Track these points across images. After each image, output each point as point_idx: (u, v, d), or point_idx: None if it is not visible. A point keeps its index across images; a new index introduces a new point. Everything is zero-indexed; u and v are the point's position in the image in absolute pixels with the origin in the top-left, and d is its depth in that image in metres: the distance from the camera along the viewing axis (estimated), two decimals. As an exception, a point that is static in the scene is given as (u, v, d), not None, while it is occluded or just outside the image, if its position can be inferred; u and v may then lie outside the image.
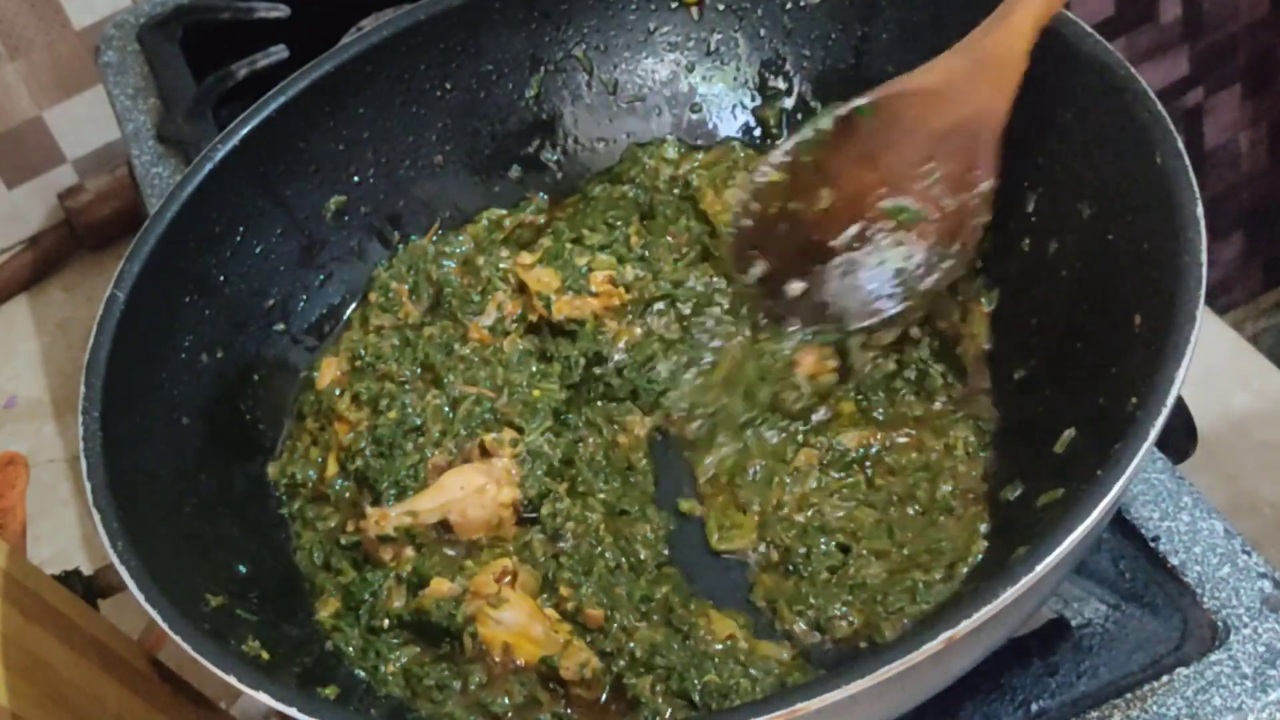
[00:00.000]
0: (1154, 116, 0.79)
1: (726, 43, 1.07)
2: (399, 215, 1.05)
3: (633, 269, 0.98)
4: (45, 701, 0.82)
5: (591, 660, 0.80)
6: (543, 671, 0.80)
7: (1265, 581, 0.82)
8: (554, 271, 0.98)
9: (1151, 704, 0.79)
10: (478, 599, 0.83)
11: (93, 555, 1.24)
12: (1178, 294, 0.72)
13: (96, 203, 1.51)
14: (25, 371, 1.45)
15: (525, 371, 0.95)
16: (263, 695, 0.68)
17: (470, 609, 0.83)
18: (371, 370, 0.96)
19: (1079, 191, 0.86)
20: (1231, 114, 2.06)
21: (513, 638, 0.81)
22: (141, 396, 0.88)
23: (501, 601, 0.82)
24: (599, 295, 0.97)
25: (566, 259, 0.99)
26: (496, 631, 0.81)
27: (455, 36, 1.04)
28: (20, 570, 0.86)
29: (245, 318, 0.98)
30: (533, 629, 0.81)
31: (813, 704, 0.63)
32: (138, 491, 0.82)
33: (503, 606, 0.82)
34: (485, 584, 0.83)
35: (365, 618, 0.86)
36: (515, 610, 0.82)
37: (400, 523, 0.88)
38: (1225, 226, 2.14)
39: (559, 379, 0.94)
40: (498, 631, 0.81)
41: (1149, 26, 1.91)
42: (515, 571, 0.84)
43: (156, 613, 0.73)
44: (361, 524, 0.89)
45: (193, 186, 0.95)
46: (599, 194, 1.05)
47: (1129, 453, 0.67)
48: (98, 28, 1.44)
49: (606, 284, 0.97)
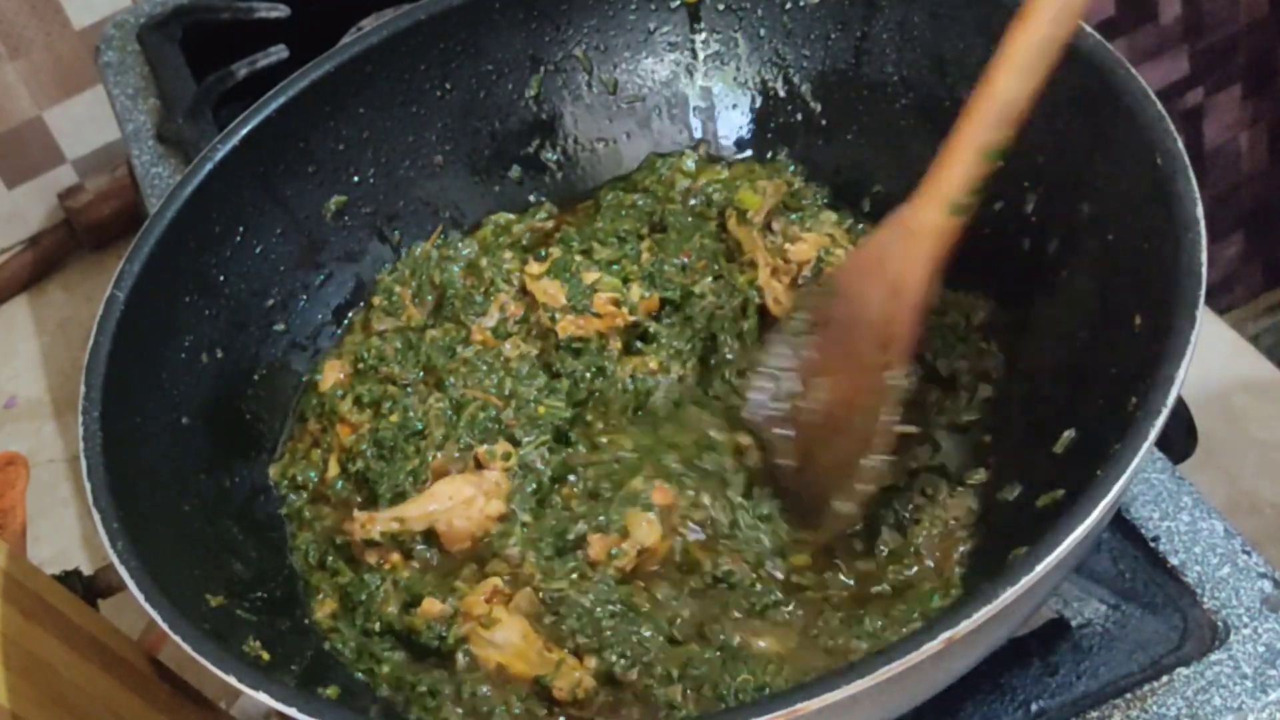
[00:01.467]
0: (1154, 117, 0.79)
1: (726, 43, 1.07)
2: (399, 215, 1.05)
3: (639, 289, 0.97)
4: (45, 701, 0.82)
5: (585, 680, 0.79)
6: (535, 690, 0.80)
7: (1265, 581, 0.82)
8: (560, 285, 0.97)
9: (1151, 704, 0.79)
10: (469, 620, 0.82)
11: (93, 555, 1.24)
12: (1177, 294, 0.72)
13: (96, 203, 1.51)
14: (25, 371, 1.45)
15: (533, 384, 0.94)
16: (262, 695, 0.68)
17: (463, 630, 0.82)
18: (374, 373, 0.96)
19: (1079, 192, 0.86)
20: (1231, 114, 2.06)
21: (505, 658, 0.80)
22: (141, 396, 0.88)
23: (493, 622, 0.81)
24: (602, 316, 0.96)
25: (574, 273, 0.98)
26: (490, 652, 0.80)
27: (455, 36, 1.04)
28: (20, 570, 0.86)
29: (245, 318, 0.98)
30: (526, 650, 0.80)
31: (812, 704, 0.63)
32: (138, 491, 0.82)
33: (494, 627, 0.81)
34: (475, 604, 0.82)
35: (360, 620, 0.86)
36: (507, 631, 0.81)
37: (387, 528, 0.88)
38: (1225, 226, 2.14)
39: (567, 396, 0.93)
40: (491, 652, 0.80)
41: (1149, 26, 1.91)
42: (508, 592, 0.83)
43: (156, 613, 0.73)
44: (346, 525, 0.89)
45: (193, 186, 0.95)
46: (610, 201, 1.05)
47: (1129, 453, 0.67)
48: (98, 28, 1.44)
49: (610, 305, 0.96)
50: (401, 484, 0.90)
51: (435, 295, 1.00)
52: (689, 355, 0.95)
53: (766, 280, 0.96)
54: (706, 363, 0.95)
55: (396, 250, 1.05)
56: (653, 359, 0.95)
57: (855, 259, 0.90)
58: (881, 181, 1.01)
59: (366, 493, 0.91)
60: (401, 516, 0.88)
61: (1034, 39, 0.77)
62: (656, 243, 1.00)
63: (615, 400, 0.94)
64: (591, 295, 0.96)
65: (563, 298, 0.96)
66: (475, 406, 0.92)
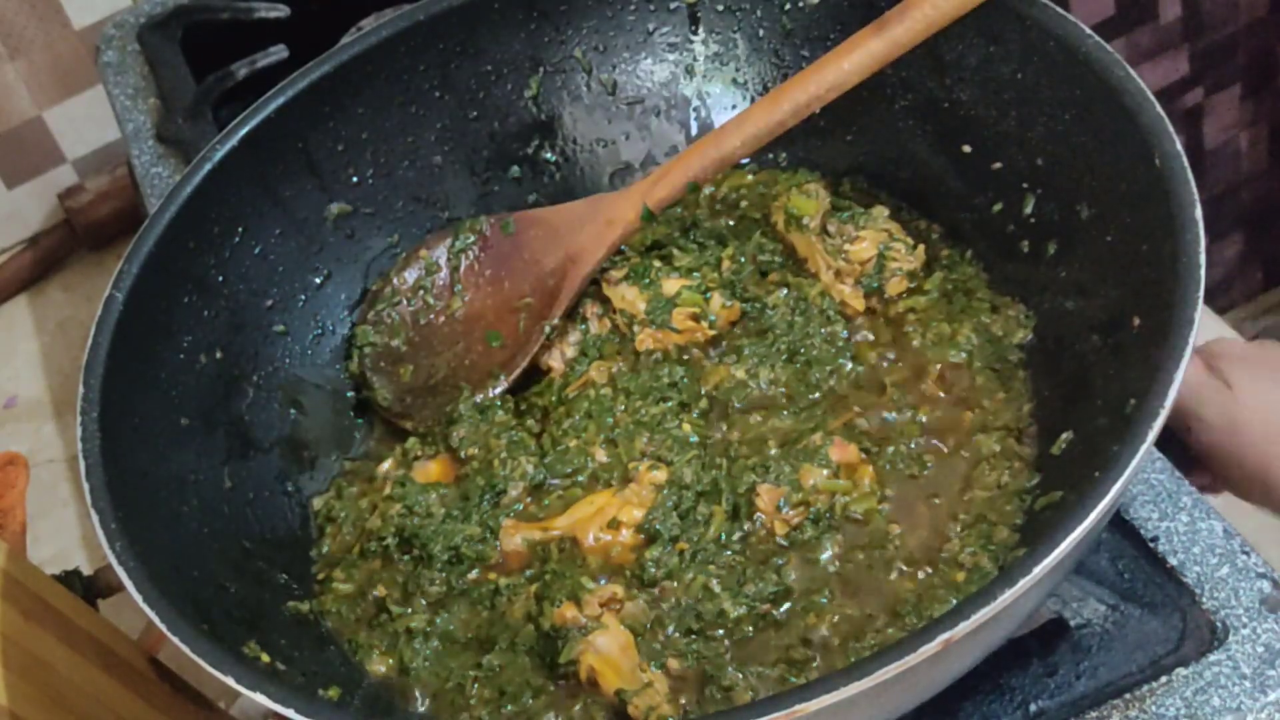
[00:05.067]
0: (1153, 118, 0.79)
1: (725, 44, 1.07)
2: (399, 215, 1.05)
3: (720, 299, 0.95)
4: (45, 701, 0.82)
5: (662, 706, 0.78)
6: (613, 703, 0.79)
7: (1264, 582, 0.82)
8: (639, 292, 0.96)
9: (1150, 704, 0.79)
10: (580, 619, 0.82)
11: (93, 555, 1.24)
12: (1176, 296, 0.72)
13: (96, 203, 1.51)
14: (25, 371, 1.45)
15: (661, 407, 0.92)
16: (260, 696, 0.68)
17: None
18: None
19: (1078, 193, 0.86)
20: (1231, 114, 2.06)
21: (599, 663, 0.79)
22: (140, 397, 0.88)
23: (600, 626, 0.81)
24: (682, 332, 0.95)
25: (653, 279, 0.96)
26: (587, 654, 0.80)
27: (454, 37, 1.04)
28: (20, 570, 0.86)
29: (244, 318, 0.97)
30: (621, 661, 0.80)
31: (811, 705, 0.63)
32: (137, 492, 0.82)
33: (599, 632, 0.80)
34: (590, 606, 0.82)
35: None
36: (609, 638, 0.80)
37: (530, 536, 0.88)
38: (1225, 226, 2.14)
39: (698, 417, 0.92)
40: (588, 655, 0.80)
41: (1149, 26, 1.91)
42: (622, 600, 0.83)
43: (155, 613, 0.73)
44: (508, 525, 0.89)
45: (192, 186, 0.95)
46: None
47: (1127, 455, 0.67)
48: (98, 28, 1.44)
49: (689, 320, 0.95)
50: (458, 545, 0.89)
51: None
52: (774, 359, 0.94)
53: (831, 283, 0.95)
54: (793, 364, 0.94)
55: (396, 250, 1.05)
56: (739, 369, 0.93)
57: (545, 219, 1.00)
58: (883, 182, 1.02)
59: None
60: (546, 525, 0.88)
61: (774, 119, 0.92)
62: (738, 249, 0.99)
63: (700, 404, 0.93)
64: (671, 310, 0.95)
65: (641, 306, 0.96)
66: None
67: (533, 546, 0.88)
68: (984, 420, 0.88)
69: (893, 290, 0.95)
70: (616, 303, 0.97)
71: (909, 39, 0.89)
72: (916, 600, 0.80)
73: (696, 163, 0.95)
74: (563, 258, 0.98)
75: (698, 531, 0.86)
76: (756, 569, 0.84)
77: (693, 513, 0.86)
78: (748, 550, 0.85)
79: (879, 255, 0.94)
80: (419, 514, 0.89)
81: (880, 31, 0.89)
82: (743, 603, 0.82)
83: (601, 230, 0.97)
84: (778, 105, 0.92)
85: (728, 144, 0.94)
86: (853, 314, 0.95)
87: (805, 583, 0.83)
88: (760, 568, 0.84)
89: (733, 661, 0.80)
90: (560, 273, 0.97)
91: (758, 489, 0.85)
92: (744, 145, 0.94)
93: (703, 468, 0.88)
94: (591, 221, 0.97)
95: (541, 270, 0.99)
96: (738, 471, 0.87)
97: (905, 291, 0.95)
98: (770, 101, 0.93)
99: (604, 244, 0.96)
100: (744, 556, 0.85)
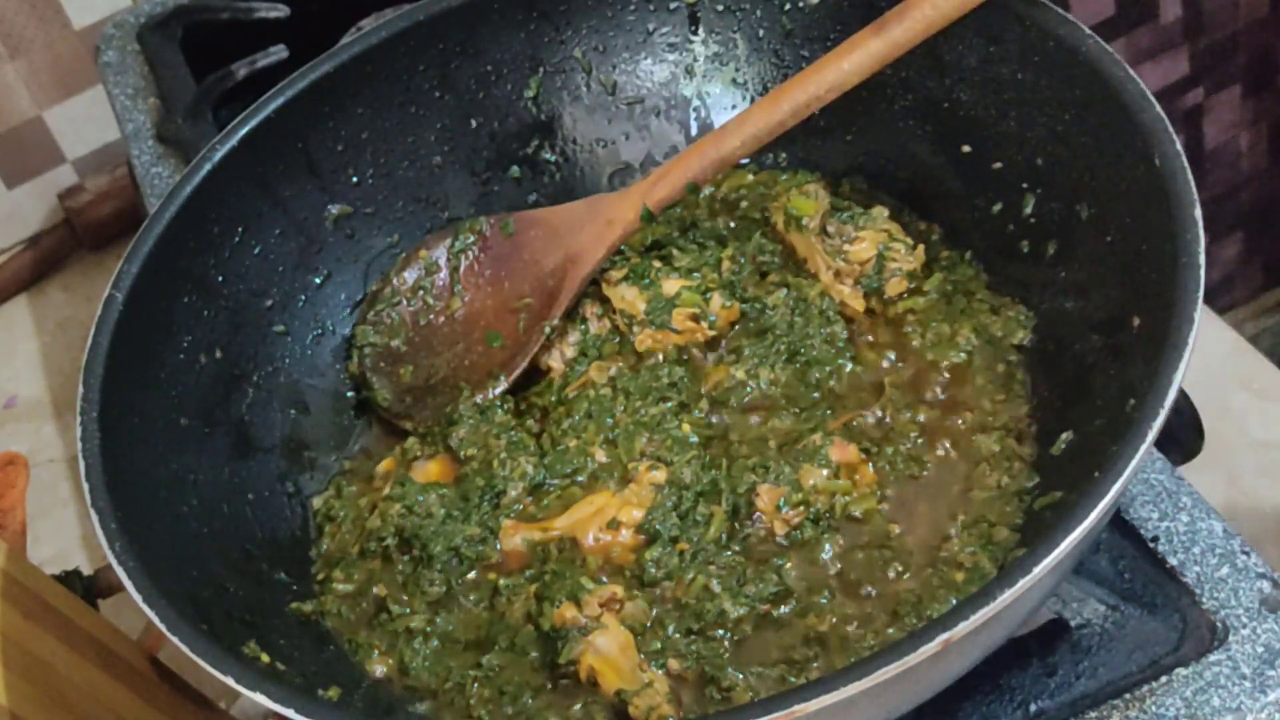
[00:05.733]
0: (1153, 118, 0.79)
1: (725, 44, 1.07)
2: (399, 216, 1.05)
3: (719, 299, 0.95)
4: (45, 701, 0.82)
5: (662, 706, 0.78)
6: (613, 703, 0.79)
7: (1264, 582, 0.82)
8: (639, 292, 0.96)
9: (1150, 704, 0.79)
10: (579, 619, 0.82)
11: (93, 555, 1.24)
12: (1176, 296, 0.72)
13: (96, 203, 1.51)
14: (25, 371, 1.45)
15: (661, 407, 0.92)
16: (260, 696, 0.68)
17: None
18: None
19: (1077, 193, 0.86)
20: (1231, 114, 2.06)
21: (599, 663, 0.80)
22: (140, 397, 0.88)
23: (600, 627, 0.81)
24: (681, 333, 0.95)
25: (653, 279, 0.96)
26: (587, 654, 0.80)
27: (454, 37, 1.04)
28: (20, 570, 0.86)
29: (244, 318, 0.97)
30: (621, 661, 0.80)
31: (811, 705, 0.63)
32: (136, 492, 0.82)
33: (598, 632, 0.80)
34: (590, 606, 0.82)
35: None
36: (609, 638, 0.80)
37: (529, 536, 0.88)
38: (1225, 226, 2.14)
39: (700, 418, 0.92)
40: (588, 655, 0.80)
41: (1149, 26, 1.91)
42: (622, 600, 0.83)
43: (155, 613, 0.73)
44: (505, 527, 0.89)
45: (192, 186, 0.95)
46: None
47: (1127, 455, 0.67)
48: (98, 28, 1.44)
49: (689, 320, 0.95)
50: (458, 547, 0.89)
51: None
52: (774, 360, 0.93)
53: (831, 283, 0.95)
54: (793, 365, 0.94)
55: (396, 250, 1.05)
56: (739, 369, 0.93)
57: (545, 219, 1.00)
58: (882, 183, 1.02)
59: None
60: (546, 526, 0.88)
61: (773, 119, 0.92)
62: (737, 250, 0.99)
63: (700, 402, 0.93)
64: (670, 310, 0.95)
65: (641, 306, 0.96)
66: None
67: (532, 547, 0.88)
68: (984, 420, 0.88)
69: (892, 291, 0.95)
70: (616, 303, 0.97)
71: (908, 39, 0.89)
72: (916, 600, 0.81)
73: (696, 163, 0.95)
74: (562, 258, 0.98)
75: (698, 531, 0.86)
76: (756, 569, 0.84)
77: (692, 513, 0.86)
78: (748, 550, 0.85)
79: (878, 256, 0.94)
80: (419, 514, 0.89)
81: (880, 32, 0.89)
82: (743, 603, 0.82)
83: (601, 230, 0.97)
84: (777, 106, 0.92)
85: (727, 144, 0.94)
86: (852, 314, 0.95)
87: (805, 583, 0.83)
88: (760, 568, 0.84)
89: (733, 661, 0.80)
90: (560, 273, 0.97)
91: (758, 489, 0.86)
92: (744, 146, 0.94)
93: (702, 468, 0.88)
94: (591, 222, 0.97)
95: (541, 270, 0.99)
96: (737, 472, 0.87)
97: (905, 292, 0.95)
98: (770, 102, 0.93)
99: (604, 244, 0.96)
100: (744, 556, 0.85)
